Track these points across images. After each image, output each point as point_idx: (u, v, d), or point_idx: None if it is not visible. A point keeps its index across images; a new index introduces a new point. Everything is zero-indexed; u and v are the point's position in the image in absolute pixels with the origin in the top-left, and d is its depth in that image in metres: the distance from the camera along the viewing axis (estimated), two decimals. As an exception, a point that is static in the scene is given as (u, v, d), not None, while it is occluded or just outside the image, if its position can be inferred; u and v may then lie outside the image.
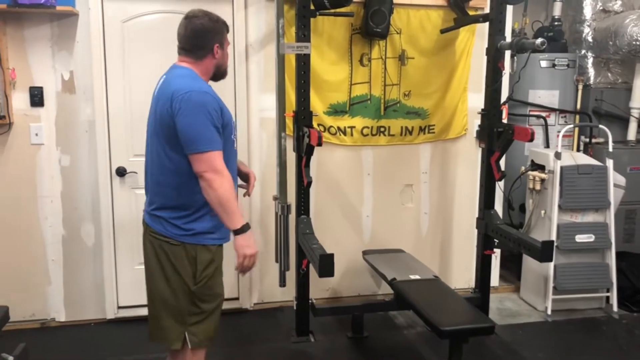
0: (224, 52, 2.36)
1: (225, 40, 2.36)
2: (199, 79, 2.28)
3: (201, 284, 2.28)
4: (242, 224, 2.16)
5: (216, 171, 2.12)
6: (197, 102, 2.14)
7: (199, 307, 2.31)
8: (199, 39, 2.28)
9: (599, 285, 3.90)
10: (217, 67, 2.36)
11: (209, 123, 2.13)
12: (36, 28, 3.30)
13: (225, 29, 2.37)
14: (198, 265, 2.27)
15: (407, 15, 3.75)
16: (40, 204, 3.47)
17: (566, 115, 4.38)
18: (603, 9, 4.49)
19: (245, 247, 2.18)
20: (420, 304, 2.92)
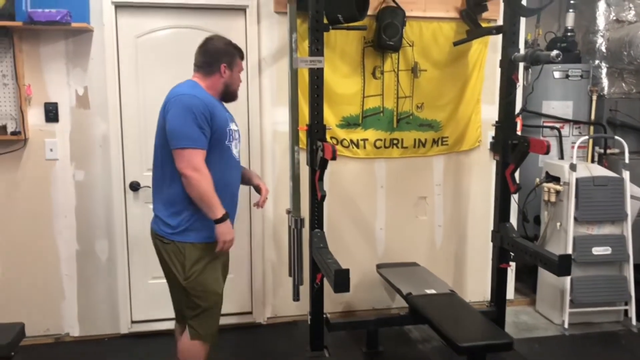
0: (233, 75, 2.60)
1: (235, 64, 2.60)
2: (198, 88, 2.53)
3: (191, 279, 2.48)
4: (222, 214, 2.40)
5: (195, 169, 2.34)
6: (185, 103, 2.38)
7: (194, 302, 2.50)
8: (208, 57, 2.56)
9: (616, 298, 3.84)
10: (225, 86, 2.59)
11: (192, 123, 2.35)
12: (51, 45, 3.33)
13: (238, 54, 2.62)
14: (186, 261, 2.48)
15: (419, 28, 3.75)
16: (55, 219, 3.48)
17: (580, 126, 4.35)
18: (616, 19, 4.47)
19: (225, 234, 2.42)
20: (436, 319, 2.89)
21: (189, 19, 3.50)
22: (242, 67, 2.66)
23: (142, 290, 3.66)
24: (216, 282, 2.55)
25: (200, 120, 2.37)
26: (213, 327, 2.57)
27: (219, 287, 2.57)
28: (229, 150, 2.53)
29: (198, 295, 2.50)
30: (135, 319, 3.69)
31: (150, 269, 3.65)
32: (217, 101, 2.56)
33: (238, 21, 3.56)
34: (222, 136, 2.47)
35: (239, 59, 2.62)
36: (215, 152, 2.47)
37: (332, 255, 2.98)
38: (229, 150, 2.54)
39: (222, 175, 2.50)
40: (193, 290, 2.49)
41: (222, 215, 2.40)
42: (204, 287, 2.50)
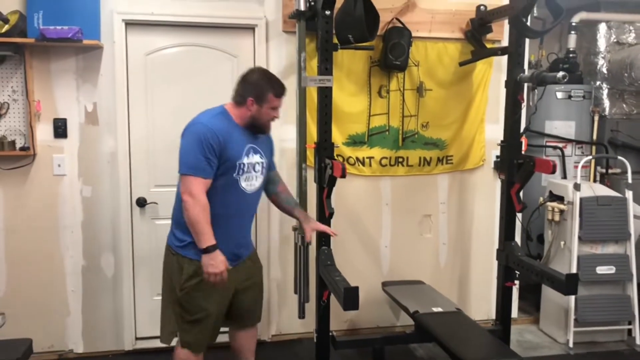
0: (262, 110, 2.59)
1: (265, 100, 2.57)
2: (220, 117, 2.57)
3: (184, 292, 2.59)
4: (207, 245, 2.44)
5: (191, 194, 2.43)
6: (196, 131, 2.49)
7: (184, 313, 2.62)
8: (241, 88, 2.62)
9: (620, 317, 3.86)
10: (252, 119, 2.60)
11: (198, 152, 2.43)
12: (62, 61, 3.35)
13: (272, 90, 2.59)
14: (183, 274, 2.58)
15: (425, 48, 3.80)
16: (62, 234, 3.48)
17: (583, 146, 4.40)
18: (617, 41, 4.55)
19: (207, 265, 2.46)
20: (444, 337, 2.89)
21: (199, 37, 3.54)
22: (277, 103, 2.62)
23: (147, 306, 3.65)
24: (208, 299, 2.60)
25: (208, 150, 2.44)
26: (200, 338, 2.65)
27: (209, 305, 2.61)
28: (235, 183, 2.57)
29: (187, 308, 2.61)
30: (139, 335, 3.67)
31: (155, 286, 3.63)
32: (241, 130, 2.60)
33: (247, 40, 3.60)
34: (230, 169, 2.53)
35: (272, 95, 2.59)
36: (220, 182, 2.53)
37: (340, 273, 2.99)
38: (236, 183, 2.57)
39: (223, 204, 2.55)
40: (185, 303, 2.61)
41: (207, 246, 2.44)
42: (195, 302, 2.60)
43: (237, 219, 2.65)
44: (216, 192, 2.52)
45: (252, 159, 2.62)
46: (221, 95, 3.53)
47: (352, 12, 3.21)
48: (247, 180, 2.61)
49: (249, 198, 2.67)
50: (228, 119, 2.58)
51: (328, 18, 3.04)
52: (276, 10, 3.58)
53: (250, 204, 2.71)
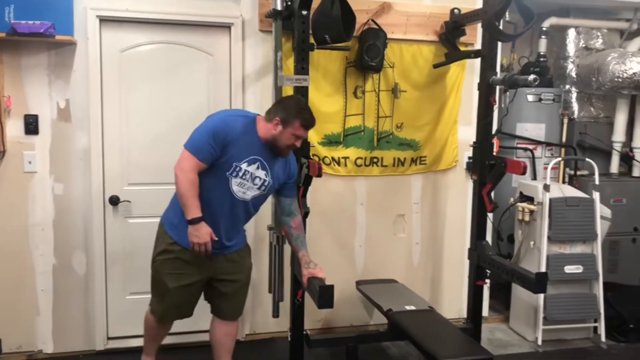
0: (284, 133, 2.66)
1: (290, 124, 2.65)
2: (243, 119, 2.70)
3: (154, 264, 2.79)
4: (192, 217, 2.58)
5: (182, 169, 2.57)
6: (214, 119, 2.70)
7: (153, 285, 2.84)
8: (273, 106, 2.79)
9: (587, 315, 3.96)
10: (273, 138, 2.68)
11: (205, 135, 2.58)
12: (34, 56, 3.30)
13: (300, 119, 2.67)
14: (157, 247, 2.79)
15: (400, 50, 3.84)
16: (32, 232, 3.42)
17: (552, 148, 4.50)
18: (585, 47, 4.66)
19: (192, 235, 2.60)
20: (417, 334, 2.94)
21: (174, 35, 3.52)
22: (300, 132, 2.69)
23: (119, 306, 3.61)
24: (170, 276, 2.74)
25: (215, 138, 2.57)
26: (162, 310, 2.84)
27: (170, 283, 2.74)
28: (226, 180, 2.65)
29: (153, 280, 2.83)
30: (111, 335, 3.63)
31: (127, 285, 3.61)
32: (257, 141, 2.67)
33: (223, 38, 3.59)
34: (226, 165, 2.62)
35: (299, 123, 2.66)
36: (211, 172, 2.64)
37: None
38: (226, 181, 2.65)
39: (203, 192, 2.64)
40: (154, 273, 2.81)
41: (192, 217, 2.58)
42: (158, 276, 2.78)
43: (215, 214, 2.69)
44: (205, 178, 2.62)
45: (256, 171, 2.69)
46: (197, 93, 3.56)
47: (328, 13, 3.23)
48: (239, 185, 2.67)
49: (236, 203, 2.71)
50: (251, 126, 2.68)
51: (305, 18, 3.06)
52: (252, 9, 3.58)
53: (235, 209, 2.74)
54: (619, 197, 4.51)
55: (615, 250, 4.51)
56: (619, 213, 4.34)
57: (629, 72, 4.22)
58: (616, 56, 4.29)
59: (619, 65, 4.24)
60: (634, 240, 4.57)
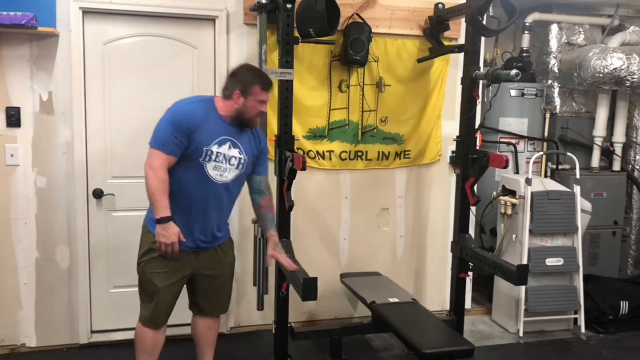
0: (247, 103, 2.63)
1: (251, 92, 2.61)
2: (202, 103, 2.67)
3: (140, 266, 2.71)
4: (160, 216, 2.54)
5: (151, 167, 2.54)
6: (172, 110, 2.62)
7: (141, 287, 2.74)
8: (227, 81, 2.70)
9: (567, 307, 4.02)
10: (237, 112, 2.65)
11: (168, 127, 2.53)
12: (15, 47, 3.26)
13: (259, 84, 2.63)
14: (142, 248, 2.71)
15: (384, 44, 3.86)
16: (14, 226, 3.40)
17: (535, 142, 4.56)
18: (567, 42, 4.72)
19: (159, 235, 2.56)
20: (400, 326, 2.97)
21: (158, 27, 3.50)
22: (264, 97, 2.65)
23: (103, 299, 3.61)
24: (156, 275, 2.67)
25: (177, 129, 2.53)
26: (151, 314, 2.72)
27: (158, 281, 2.67)
28: (201, 167, 2.61)
29: (141, 282, 2.73)
30: (95, 328, 3.62)
31: (111, 278, 3.60)
32: (221, 122, 2.64)
33: (207, 31, 3.58)
34: (196, 153, 2.58)
35: (259, 87, 2.62)
36: (184, 164, 2.60)
37: (299, 264, 3.02)
38: (201, 168, 2.61)
39: (183, 187, 2.61)
40: (140, 275, 2.72)
41: (160, 216, 2.54)
42: (146, 277, 2.69)
43: (201, 204, 2.67)
44: (180, 172, 2.60)
45: (228, 151, 2.65)
46: (181, 86, 3.55)
47: (313, 6, 3.23)
48: (216, 169, 2.63)
49: (217, 188, 2.67)
50: (212, 108, 2.65)
51: (289, 11, 3.06)
52: (237, 2, 3.57)
53: (218, 194, 2.69)
54: (600, 190, 4.59)
55: (595, 243, 4.59)
56: (599, 206, 4.42)
57: (609, 67, 4.28)
58: (597, 52, 4.34)
59: (600, 60, 4.30)
60: (614, 233, 4.65)
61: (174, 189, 2.59)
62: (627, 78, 4.29)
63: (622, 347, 3.86)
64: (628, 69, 4.27)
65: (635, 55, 4.30)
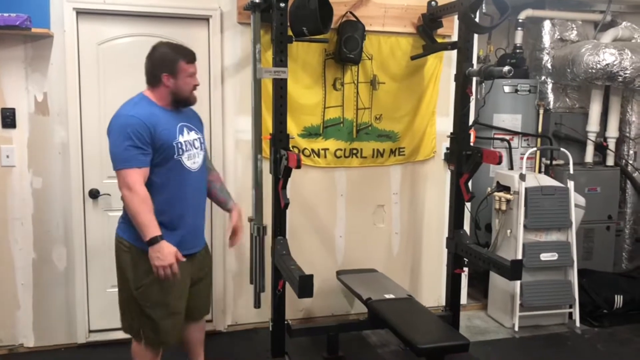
0: (178, 81, 2.52)
1: (178, 70, 2.51)
2: (141, 103, 2.53)
3: (140, 290, 2.52)
4: (151, 237, 2.36)
5: (127, 187, 2.38)
6: (119, 124, 2.44)
7: (146, 312, 2.54)
8: (151, 68, 2.56)
9: (562, 301, 4.06)
10: (173, 95, 2.55)
11: (126, 144, 2.37)
12: (9, 49, 3.27)
13: (182, 59, 2.52)
14: (138, 270, 2.50)
15: (378, 42, 3.87)
16: (11, 226, 3.41)
17: (528, 138, 4.58)
18: (560, 38, 4.74)
19: (154, 258, 2.38)
20: (396, 322, 2.99)
21: (152, 27, 3.51)
22: (192, 69, 2.56)
23: (100, 299, 3.62)
24: (167, 294, 2.54)
25: (137, 139, 2.39)
26: (161, 334, 2.59)
27: (171, 299, 2.56)
28: (178, 163, 2.52)
29: (146, 306, 2.55)
30: (92, 328, 3.64)
31: (108, 278, 3.59)
32: (166, 111, 2.55)
33: (201, 31, 3.60)
34: (168, 151, 2.48)
35: (184, 63, 2.52)
36: (164, 167, 2.49)
37: (295, 262, 3.04)
38: (179, 164, 2.52)
39: (175, 188, 2.53)
40: (142, 301, 2.54)
41: (150, 237, 2.36)
42: (153, 299, 2.53)
43: (189, 201, 2.60)
44: (162, 177, 2.48)
45: (189, 136, 2.59)
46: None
47: (306, 5, 3.25)
48: (189, 158, 2.57)
49: (195, 177, 2.62)
50: (150, 104, 2.53)
51: (283, 10, 3.07)
52: (231, 2, 3.59)
53: (198, 183, 2.66)
54: (594, 185, 4.62)
55: (590, 238, 4.62)
56: (593, 201, 4.45)
57: (602, 63, 4.30)
58: (590, 48, 4.37)
59: (593, 56, 4.32)
60: (608, 227, 4.68)
61: (160, 202, 2.46)
62: (620, 73, 4.32)
63: (616, 340, 3.90)
64: (620, 65, 4.30)
65: (628, 50, 4.33)
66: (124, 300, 2.64)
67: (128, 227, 2.53)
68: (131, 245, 2.53)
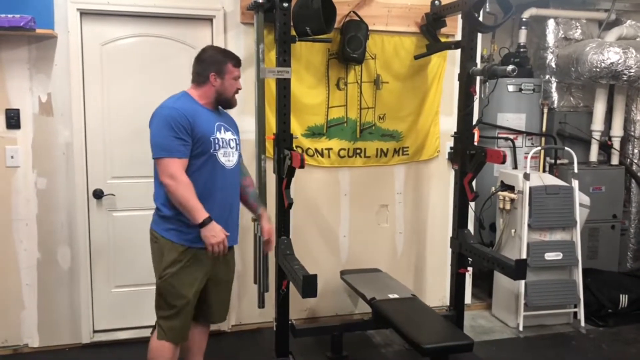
0: (224, 82, 2.67)
1: (225, 71, 2.66)
2: (183, 99, 2.62)
3: (163, 279, 2.58)
4: (203, 218, 2.47)
5: (171, 176, 2.46)
6: (163, 115, 2.53)
7: (163, 302, 2.61)
8: (199, 67, 2.68)
9: (567, 301, 4.04)
10: (217, 94, 2.67)
11: (169, 134, 2.47)
12: (14, 50, 3.28)
13: (230, 61, 2.68)
14: (163, 261, 2.59)
15: (381, 42, 3.87)
16: (15, 227, 3.42)
17: (533, 137, 4.57)
18: (564, 37, 4.73)
19: (209, 237, 2.49)
20: (400, 322, 2.98)
21: (155, 27, 3.52)
22: (237, 73, 2.70)
23: (105, 299, 3.63)
24: (187, 286, 2.60)
25: (178, 130, 2.48)
26: (179, 328, 2.64)
27: (189, 292, 2.60)
28: (213, 157, 2.60)
29: (167, 296, 2.60)
30: (97, 328, 3.64)
31: (113, 278, 3.63)
32: (206, 110, 2.65)
33: (205, 31, 3.60)
34: (205, 145, 2.56)
35: (232, 65, 2.67)
36: (199, 160, 2.57)
37: (299, 262, 3.04)
38: (214, 158, 2.60)
39: (206, 182, 2.59)
40: (164, 290, 2.60)
41: (203, 219, 2.47)
42: (174, 290, 2.58)
43: (222, 194, 2.65)
44: (198, 170, 2.56)
45: (225, 135, 2.67)
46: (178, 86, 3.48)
47: (309, 5, 3.25)
48: (225, 155, 2.65)
49: (229, 174, 2.68)
50: (191, 101, 2.63)
51: (286, 10, 3.07)
52: (234, 2, 3.59)
53: (232, 180, 2.72)
54: (598, 184, 4.60)
55: (595, 237, 4.60)
56: (598, 200, 4.43)
57: (606, 62, 4.28)
58: (594, 46, 4.35)
59: (597, 55, 4.30)
60: (613, 227, 4.66)
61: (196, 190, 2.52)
62: (624, 72, 4.30)
63: (621, 340, 3.88)
64: (625, 63, 4.28)
65: (632, 49, 4.31)
66: (156, 290, 2.68)
67: (159, 219, 2.62)
68: (160, 236, 2.61)
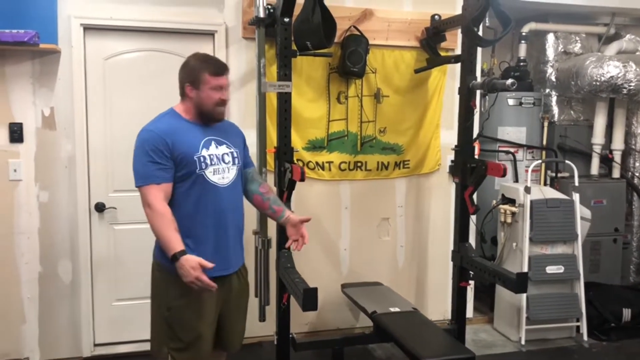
0: (201, 93, 2.39)
1: (201, 81, 2.38)
2: (167, 117, 2.45)
3: (172, 312, 2.41)
4: (172, 254, 2.25)
5: (148, 205, 2.31)
6: (140, 139, 2.37)
7: (176, 336, 2.42)
8: (179, 80, 2.48)
9: (569, 315, 4.02)
10: (196, 107, 2.43)
11: (145, 159, 2.31)
12: (18, 65, 3.31)
13: (206, 70, 2.38)
14: (170, 292, 2.41)
15: (382, 56, 3.90)
16: (17, 240, 3.43)
17: (533, 150, 4.58)
18: (564, 51, 4.76)
19: (180, 275, 2.25)
20: (402, 336, 2.97)
21: (158, 42, 3.55)
22: (217, 82, 2.39)
23: (106, 312, 3.62)
24: (198, 319, 2.42)
25: (154, 155, 2.31)
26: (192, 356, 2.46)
27: (201, 325, 2.44)
28: (201, 177, 2.38)
29: (177, 330, 2.43)
30: (98, 341, 3.64)
31: (114, 291, 3.63)
32: (193, 125, 2.43)
33: (206, 45, 3.63)
34: (189, 165, 2.36)
35: (208, 74, 2.37)
36: (186, 182, 2.38)
37: (300, 275, 3.04)
38: (202, 178, 2.38)
39: (196, 203, 2.39)
40: (173, 323, 2.42)
41: (172, 254, 2.24)
42: (184, 323, 2.42)
43: (216, 216, 2.43)
44: (185, 192, 2.37)
45: (218, 150, 2.45)
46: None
47: (310, 20, 3.28)
48: (216, 173, 2.41)
49: (225, 192, 2.45)
50: (175, 117, 2.43)
51: (287, 25, 3.10)
52: (236, 17, 3.63)
53: (228, 199, 2.47)
54: (600, 198, 4.60)
55: (596, 251, 4.59)
56: (600, 214, 4.43)
57: (606, 75, 4.31)
58: (594, 60, 4.38)
59: (597, 69, 4.33)
60: (614, 240, 4.66)
61: (182, 217, 2.34)
62: (624, 86, 4.32)
63: (624, 354, 3.86)
64: (625, 77, 4.31)
65: (632, 63, 4.34)
66: (154, 321, 2.52)
67: (157, 247, 2.45)
68: (163, 267, 2.42)
